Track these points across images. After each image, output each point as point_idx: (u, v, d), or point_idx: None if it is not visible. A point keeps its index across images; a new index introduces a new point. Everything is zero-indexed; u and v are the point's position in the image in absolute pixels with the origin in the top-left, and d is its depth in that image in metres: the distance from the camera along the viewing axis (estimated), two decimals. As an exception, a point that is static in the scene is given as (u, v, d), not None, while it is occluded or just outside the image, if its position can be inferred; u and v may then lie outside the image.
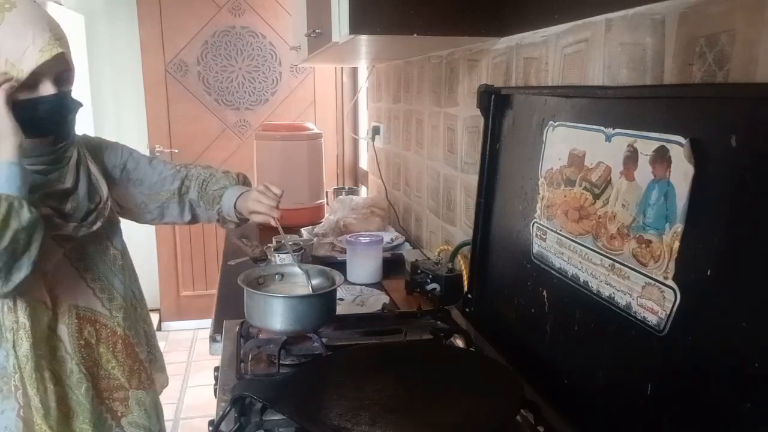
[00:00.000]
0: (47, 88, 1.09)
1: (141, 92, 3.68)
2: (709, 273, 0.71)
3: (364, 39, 1.45)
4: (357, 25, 1.29)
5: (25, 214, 1.00)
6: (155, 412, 1.39)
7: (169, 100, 3.70)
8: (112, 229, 1.32)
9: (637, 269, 0.83)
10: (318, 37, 1.66)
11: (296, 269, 1.31)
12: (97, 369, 1.26)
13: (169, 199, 1.41)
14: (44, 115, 1.11)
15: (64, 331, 1.21)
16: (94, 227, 1.22)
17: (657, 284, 0.79)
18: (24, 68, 1.05)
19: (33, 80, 1.07)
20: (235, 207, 1.39)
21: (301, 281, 1.29)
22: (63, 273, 1.19)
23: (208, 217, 1.47)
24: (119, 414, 1.30)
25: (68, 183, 1.18)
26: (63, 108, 1.14)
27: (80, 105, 1.18)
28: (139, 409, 1.33)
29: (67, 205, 1.17)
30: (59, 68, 1.11)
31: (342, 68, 3.71)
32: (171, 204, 1.42)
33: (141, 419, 1.34)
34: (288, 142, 2.55)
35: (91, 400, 1.23)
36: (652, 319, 0.80)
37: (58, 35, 1.10)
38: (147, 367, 1.38)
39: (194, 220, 1.47)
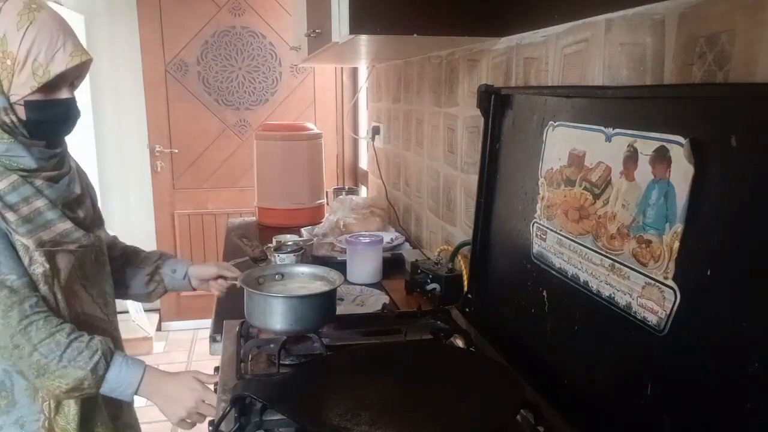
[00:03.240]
0: (64, 92, 1.12)
1: (141, 92, 3.68)
2: (709, 273, 0.71)
3: (364, 39, 1.45)
4: (357, 25, 1.29)
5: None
6: (135, 412, 1.40)
7: (169, 100, 3.70)
8: (101, 237, 1.31)
9: (637, 269, 0.83)
10: (318, 37, 1.65)
11: (296, 269, 1.31)
12: None
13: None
14: (56, 118, 1.13)
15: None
16: (100, 234, 1.25)
17: (657, 284, 0.79)
18: (51, 70, 1.07)
19: (53, 82, 1.09)
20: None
21: (301, 281, 1.29)
22: (70, 282, 1.18)
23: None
24: (114, 416, 1.29)
25: (78, 189, 1.21)
26: (74, 113, 1.16)
27: (80, 113, 1.20)
28: (129, 409, 1.35)
29: (80, 213, 1.19)
30: (76, 74, 1.14)
31: (342, 68, 3.71)
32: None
33: (131, 420, 1.37)
34: (288, 142, 2.55)
35: (103, 404, 1.23)
36: (652, 319, 0.80)
37: (81, 42, 1.13)
38: None
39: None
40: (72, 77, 1.13)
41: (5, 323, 1.05)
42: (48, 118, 1.11)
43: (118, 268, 1.38)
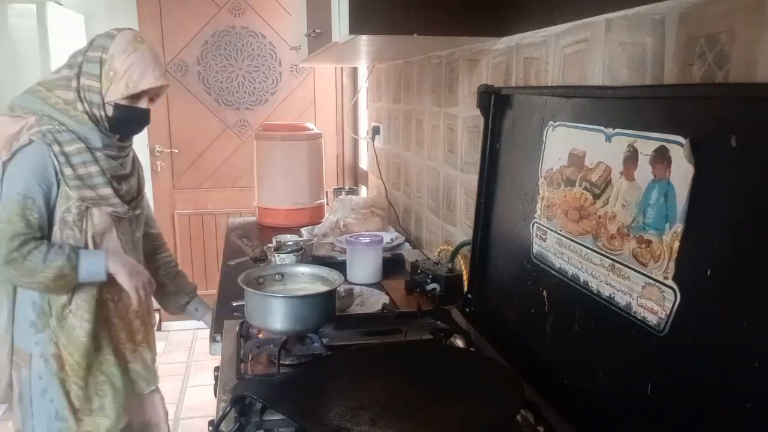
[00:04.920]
0: (144, 103, 1.56)
1: (141, 92, 3.67)
2: (709, 273, 0.71)
3: (364, 39, 1.45)
4: (357, 25, 1.29)
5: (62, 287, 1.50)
6: (153, 370, 1.76)
7: (169, 100, 3.70)
8: (141, 217, 1.72)
9: (637, 269, 0.83)
10: (318, 37, 1.65)
11: (296, 269, 1.32)
12: (123, 323, 1.65)
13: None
14: (134, 121, 1.58)
15: (109, 296, 1.60)
16: (137, 211, 1.66)
17: (657, 284, 0.79)
18: (140, 86, 1.50)
19: (138, 95, 1.52)
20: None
21: (301, 281, 1.29)
22: (113, 246, 1.57)
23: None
24: (126, 360, 1.67)
25: (128, 169, 1.63)
26: (146, 120, 1.60)
27: (150, 121, 1.62)
28: (145, 329, 1.73)
29: (123, 187, 1.59)
30: (156, 93, 1.58)
31: (342, 68, 3.71)
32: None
33: (141, 370, 1.71)
34: (288, 142, 2.55)
35: (111, 338, 1.61)
36: (652, 319, 0.80)
37: (165, 71, 1.47)
38: (152, 332, 1.79)
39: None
40: (152, 94, 1.56)
41: (8, 245, 1.42)
42: (127, 120, 1.55)
43: (161, 279, 1.88)
